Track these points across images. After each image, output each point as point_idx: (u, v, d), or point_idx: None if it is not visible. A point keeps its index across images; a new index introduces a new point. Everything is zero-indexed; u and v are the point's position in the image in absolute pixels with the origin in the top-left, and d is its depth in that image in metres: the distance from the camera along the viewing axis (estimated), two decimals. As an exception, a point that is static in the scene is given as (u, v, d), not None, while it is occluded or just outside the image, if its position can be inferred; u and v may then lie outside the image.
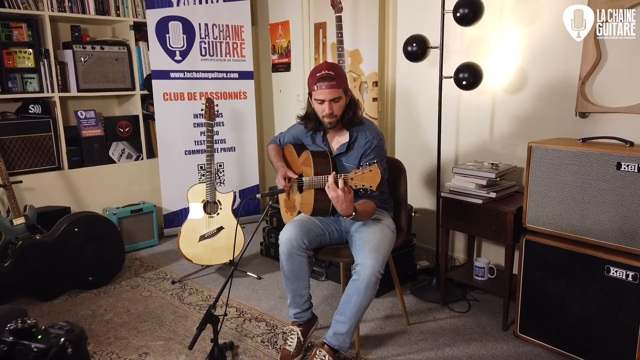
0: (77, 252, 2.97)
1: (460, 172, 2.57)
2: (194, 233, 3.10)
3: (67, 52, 3.60)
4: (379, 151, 2.23)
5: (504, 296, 2.49)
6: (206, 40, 3.98)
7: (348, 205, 1.94)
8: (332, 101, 2.13)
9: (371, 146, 2.20)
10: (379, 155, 2.22)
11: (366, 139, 2.21)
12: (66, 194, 3.61)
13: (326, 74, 2.10)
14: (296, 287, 2.24)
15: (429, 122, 3.22)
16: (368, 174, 1.85)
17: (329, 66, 2.13)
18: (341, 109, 2.18)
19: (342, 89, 2.14)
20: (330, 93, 2.11)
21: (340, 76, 2.14)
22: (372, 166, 1.84)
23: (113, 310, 2.78)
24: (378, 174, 1.82)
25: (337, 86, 2.11)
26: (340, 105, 2.16)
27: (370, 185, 1.84)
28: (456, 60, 2.89)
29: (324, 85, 2.10)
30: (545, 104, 2.63)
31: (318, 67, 2.15)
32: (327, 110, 2.15)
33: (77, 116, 3.73)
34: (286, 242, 2.15)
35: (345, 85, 2.16)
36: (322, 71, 2.11)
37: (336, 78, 2.10)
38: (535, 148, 2.22)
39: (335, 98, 2.13)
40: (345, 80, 2.18)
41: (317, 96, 2.15)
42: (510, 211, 2.38)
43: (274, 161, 2.48)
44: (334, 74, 2.10)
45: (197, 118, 3.98)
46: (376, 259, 1.99)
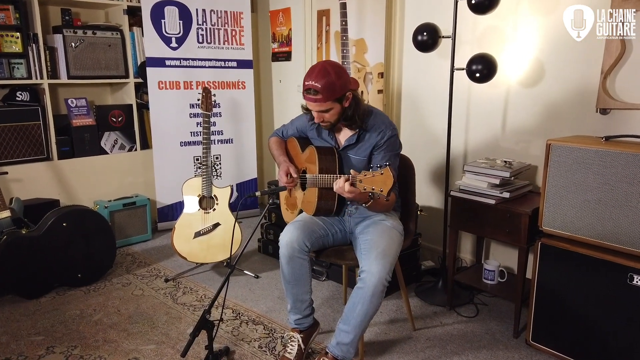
0: (66, 248, 2.82)
1: (472, 170, 2.43)
2: (189, 229, 2.96)
3: (57, 37, 3.42)
4: (393, 142, 2.08)
5: (516, 301, 2.37)
6: (204, 26, 3.81)
7: (359, 199, 1.87)
8: (320, 112, 1.98)
9: (384, 137, 2.05)
10: (392, 147, 2.07)
11: (378, 130, 2.06)
12: (55, 186, 3.45)
13: (311, 87, 1.89)
14: (297, 292, 2.10)
15: (437, 116, 3.07)
16: (379, 177, 1.70)
17: (319, 75, 1.88)
18: (334, 116, 2.01)
19: (331, 101, 1.94)
20: (316, 106, 1.95)
21: (330, 88, 1.88)
22: (383, 169, 1.69)
23: (102, 310, 2.64)
24: (390, 179, 1.67)
25: (323, 100, 1.91)
26: (333, 113, 1.99)
27: (381, 190, 1.69)
28: (467, 51, 2.73)
29: (310, 98, 1.94)
30: (563, 99, 2.49)
31: (310, 71, 1.92)
32: (316, 119, 2.02)
33: (68, 104, 3.56)
34: (287, 245, 2.01)
35: (336, 95, 1.92)
36: (310, 80, 1.89)
37: (323, 92, 1.88)
38: (554, 146, 2.07)
39: (323, 110, 1.97)
40: (337, 90, 1.91)
41: (307, 105, 2.02)
42: (525, 213, 2.24)
43: (276, 155, 2.33)
44: (320, 88, 1.87)
45: (193, 108, 3.82)
46: (383, 266, 1.85)
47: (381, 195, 1.71)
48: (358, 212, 2.18)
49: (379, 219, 2.12)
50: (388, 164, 1.71)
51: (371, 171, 1.75)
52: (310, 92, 1.91)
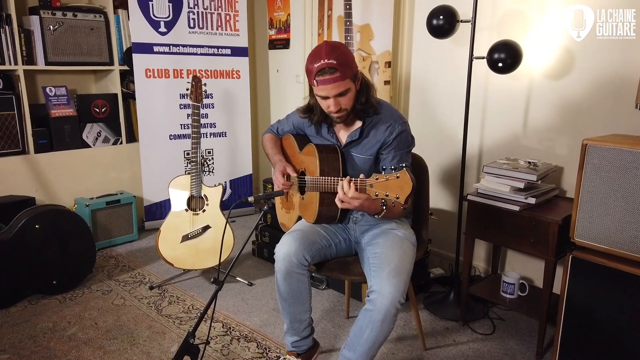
0: (39, 252, 2.55)
1: (493, 171, 2.16)
2: (176, 232, 2.69)
3: (34, 19, 3.12)
4: (404, 139, 1.80)
5: (541, 319, 2.11)
6: (195, 10, 3.51)
7: (371, 209, 1.61)
8: (338, 96, 1.69)
9: (392, 133, 1.78)
10: (403, 144, 1.80)
11: (386, 124, 1.79)
12: (32, 183, 3.17)
13: (326, 65, 1.62)
14: (295, 312, 1.84)
15: (449, 110, 2.80)
16: (394, 181, 1.43)
17: (328, 52, 1.63)
18: (351, 101, 1.73)
19: (349, 79, 1.67)
20: (335, 88, 1.66)
21: (346, 63, 1.65)
22: (399, 172, 1.42)
23: (78, 323, 2.37)
24: (408, 183, 1.40)
25: (341, 78, 1.64)
26: (350, 97, 1.72)
27: (397, 196, 1.42)
28: (485, 38, 2.47)
29: (326, 80, 1.64)
30: (596, 93, 2.21)
31: (315, 53, 1.67)
32: (333, 107, 1.72)
33: (46, 93, 3.27)
34: (284, 259, 1.74)
35: (352, 71, 1.69)
36: (320, 60, 1.63)
37: (340, 67, 1.62)
38: (591, 147, 1.80)
39: (342, 92, 1.68)
40: (352, 65, 1.69)
41: (319, 92, 1.71)
42: (554, 221, 1.98)
43: (271, 154, 2.06)
44: (337, 63, 1.62)
45: (183, 98, 3.54)
46: (396, 286, 1.59)
47: (397, 202, 1.44)
48: (364, 219, 1.92)
49: (388, 228, 1.86)
50: (405, 166, 1.44)
51: (384, 174, 1.48)
52: (325, 72, 1.63)
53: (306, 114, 1.90)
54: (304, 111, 1.91)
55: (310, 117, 1.89)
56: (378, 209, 1.59)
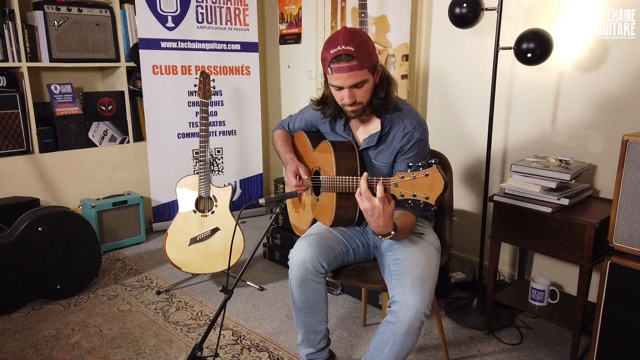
0: (42, 256, 2.45)
1: (522, 170, 2.01)
2: (183, 235, 2.57)
3: (38, 14, 3.02)
4: (421, 147, 1.66)
5: (575, 328, 1.96)
6: (203, 4, 3.39)
7: (387, 222, 1.40)
8: (353, 87, 1.55)
9: (411, 140, 1.64)
10: (421, 154, 1.66)
11: (405, 130, 1.64)
12: (36, 183, 3.07)
13: (343, 51, 1.47)
14: (310, 322, 1.71)
15: (471, 104, 2.64)
16: (422, 179, 1.29)
17: (347, 38, 1.49)
18: (368, 94, 1.59)
19: (367, 69, 1.53)
20: (350, 77, 1.51)
21: (365, 51, 1.50)
22: (429, 169, 1.28)
23: (82, 330, 2.27)
24: (439, 181, 1.26)
25: (358, 67, 1.49)
26: (367, 89, 1.57)
27: (427, 196, 1.28)
28: (511, 28, 2.31)
29: (342, 68, 1.50)
30: (633, 86, 2.05)
31: (333, 39, 1.53)
32: (347, 99, 1.57)
33: (51, 91, 3.17)
34: (299, 266, 1.61)
35: (372, 62, 1.54)
36: (337, 46, 1.49)
37: (358, 55, 1.48)
38: (632, 143, 1.65)
39: (358, 83, 1.54)
40: (372, 55, 1.54)
41: (333, 82, 1.56)
42: (590, 224, 1.82)
43: (282, 152, 1.93)
44: (354, 50, 1.47)
45: (192, 96, 3.42)
46: (421, 297, 1.45)
47: (426, 202, 1.30)
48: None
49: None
50: (434, 162, 1.29)
51: (410, 171, 1.34)
52: (341, 59, 1.49)
53: (319, 106, 1.77)
54: (317, 102, 1.78)
55: (324, 110, 1.75)
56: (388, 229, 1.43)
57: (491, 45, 2.17)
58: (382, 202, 1.37)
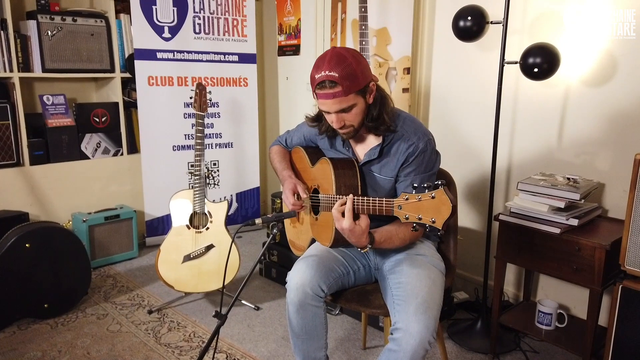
0: (29, 273, 2.36)
1: (528, 189, 1.94)
2: (177, 253, 2.48)
3: (31, 24, 2.96)
4: (427, 159, 1.58)
5: (584, 353, 1.87)
6: (201, 15, 3.34)
7: (358, 239, 1.44)
8: (341, 111, 1.48)
9: (415, 152, 1.56)
10: (427, 166, 1.58)
11: (409, 142, 1.57)
12: (26, 197, 2.98)
13: (327, 77, 1.42)
14: (308, 349, 1.62)
15: (474, 120, 2.58)
16: (428, 201, 1.21)
17: (332, 63, 1.42)
18: (358, 117, 1.52)
19: (354, 94, 1.46)
20: (335, 103, 1.46)
21: (350, 76, 1.42)
22: (436, 191, 1.20)
23: (69, 352, 2.17)
24: (447, 204, 1.18)
25: (343, 93, 1.43)
26: (356, 112, 1.50)
27: (433, 220, 1.20)
28: (515, 42, 2.26)
29: (326, 95, 1.44)
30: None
31: (319, 62, 1.46)
32: (335, 124, 1.52)
33: (43, 101, 3.09)
34: (297, 289, 1.53)
35: (360, 85, 1.46)
36: (322, 71, 1.43)
37: (342, 81, 1.41)
38: (646, 162, 1.58)
39: (345, 108, 1.47)
40: (359, 78, 1.45)
41: (320, 106, 1.51)
42: (601, 246, 1.75)
43: (279, 169, 1.85)
44: (338, 76, 1.41)
45: (188, 108, 3.35)
46: (425, 324, 1.36)
47: (432, 226, 1.23)
48: (386, 243, 1.70)
49: (414, 253, 1.64)
50: (442, 184, 1.22)
51: (415, 193, 1.26)
52: (325, 86, 1.43)
53: (315, 123, 1.71)
54: (312, 119, 1.71)
55: (319, 127, 1.69)
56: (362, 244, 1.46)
57: (495, 59, 2.11)
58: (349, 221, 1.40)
